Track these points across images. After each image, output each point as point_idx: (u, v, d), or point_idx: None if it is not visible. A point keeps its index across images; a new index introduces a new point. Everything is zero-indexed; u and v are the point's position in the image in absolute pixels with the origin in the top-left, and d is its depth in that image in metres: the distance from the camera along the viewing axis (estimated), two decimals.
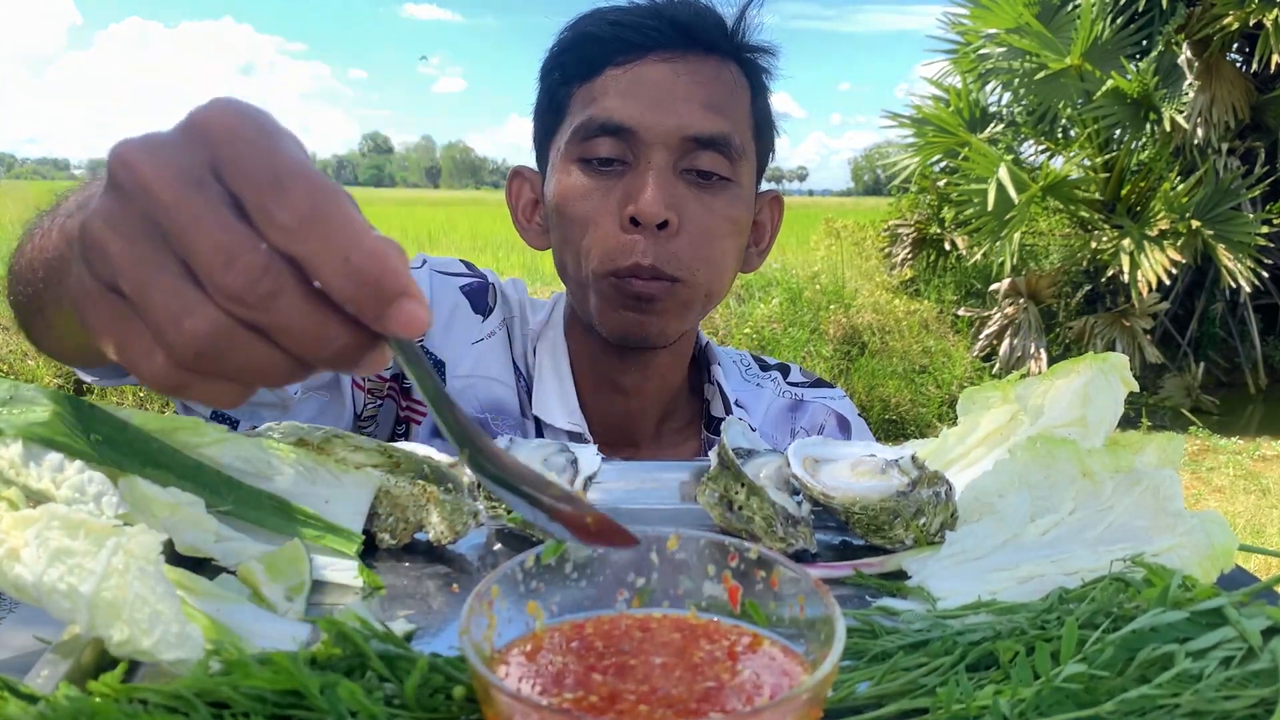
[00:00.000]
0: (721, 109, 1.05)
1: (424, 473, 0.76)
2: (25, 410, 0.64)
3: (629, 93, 1.04)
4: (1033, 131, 8.84)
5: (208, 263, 0.39)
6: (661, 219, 1.01)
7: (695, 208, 1.04)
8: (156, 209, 0.39)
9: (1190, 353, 8.64)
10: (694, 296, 1.07)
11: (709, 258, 1.06)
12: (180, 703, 0.44)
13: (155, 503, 0.61)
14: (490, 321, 1.18)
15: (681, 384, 1.23)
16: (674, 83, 1.04)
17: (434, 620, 0.63)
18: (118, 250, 0.40)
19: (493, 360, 1.17)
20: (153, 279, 0.40)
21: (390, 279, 0.39)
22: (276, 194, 0.39)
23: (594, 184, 1.05)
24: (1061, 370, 0.83)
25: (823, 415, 1.25)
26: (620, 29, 1.06)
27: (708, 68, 1.06)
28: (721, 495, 0.77)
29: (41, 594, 0.50)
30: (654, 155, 1.03)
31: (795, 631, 0.48)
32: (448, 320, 1.16)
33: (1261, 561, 4.01)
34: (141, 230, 0.40)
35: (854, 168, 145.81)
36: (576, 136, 1.06)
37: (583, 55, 1.08)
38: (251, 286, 0.39)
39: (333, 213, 0.39)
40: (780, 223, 1.24)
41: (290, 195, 0.39)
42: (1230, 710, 0.47)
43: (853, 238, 10.77)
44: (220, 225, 0.39)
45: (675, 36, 1.05)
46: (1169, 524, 0.66)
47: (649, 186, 1.01)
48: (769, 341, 7.68)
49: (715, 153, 1.04)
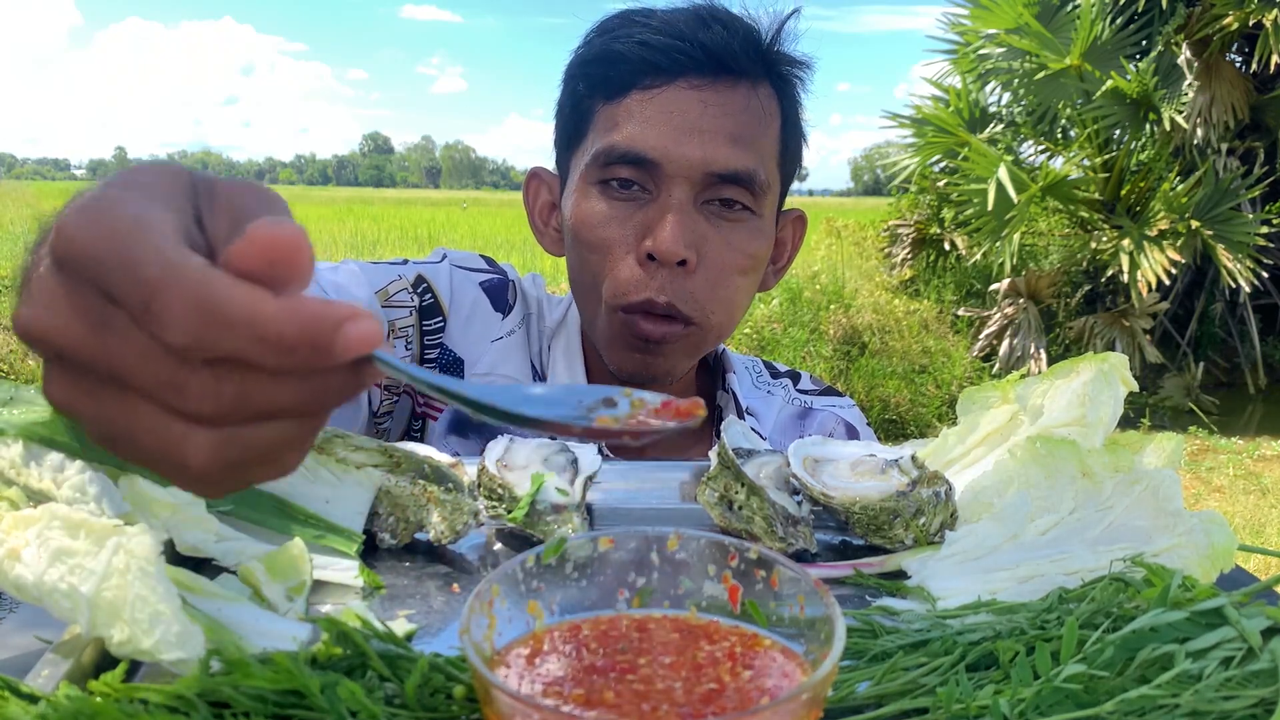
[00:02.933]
0: (748, 143, 1.02)
1: (424, 473, 0.76)
2: (26, 410, 0.64)
3: (653, 121, 1.00)
4: (1032, 131, 8.84)
5: (164, 399, 0.38)
6: (680, 258, 0.99)
7: (715, 244, 1.02)
8: (91, 366, 0.38)
9: (1190, 353, 8.64)
10: (704, 339, 1.06)
11: (725, 297, 1.04)
12: (181, 703, 0.44)
13: (156, 503, 0.62)
14: (510, 319, 1.16)
15: (694, 390, 1.23)
16: (701, 114, 1.00)
17: (434, 620, 0.63)
18: (92, 416, 0.40)
19: (510, 359, 1.15)
20: (136, 432, 0.39)
21: (314, 325, 0.37)
22: (159, 322, 0.36)
23: (612, 212, 1.02)
24: (1061, 370, 0.83)
25: (831, 423, 1.24)
26: (648, 50, 1.02)
27: (737, 97, 1.02)
28: (721, 495, 0.77)
29: (42, 594, 0.50)
30: (675, 189, 1.00)
31: (795, 631, 0.48)
32: (467, 316, 1.14)
33: (1261, 561, 4.01)
34: (92, 387, 0.39)
35: (854, 168, 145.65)
36: (598, 161, 1.03)
37: (609, 74, 1.04)
38: (217, 403, 0.38)
39: (216, 309, 0.36)
40: (801, 241, 1.22)
41: (170, 317, 0.36)
42: (1230, 710, 0.47)
43: (853, 237, 10.78)
44: (150, 362, 0.37)
45: (705, 62, 1.01)
46: (1169, 524, 0.66)
47: (669, 224, 0.98)
48: (769, 341, 7.68)
49: (740, 187, 1.02)
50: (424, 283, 1.12)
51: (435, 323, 1.12)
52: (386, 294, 1.08)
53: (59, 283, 0.38)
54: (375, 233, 14.33)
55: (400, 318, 1.08)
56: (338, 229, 14.47)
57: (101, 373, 0.38)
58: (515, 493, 0.76)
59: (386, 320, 1.06)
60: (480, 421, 0.43)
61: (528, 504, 0.74)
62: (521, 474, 0.78)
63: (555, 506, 0.75)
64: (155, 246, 0.37)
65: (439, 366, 1.12)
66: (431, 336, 1.12)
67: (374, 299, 1.06)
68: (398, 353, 1.07)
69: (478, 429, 1.12)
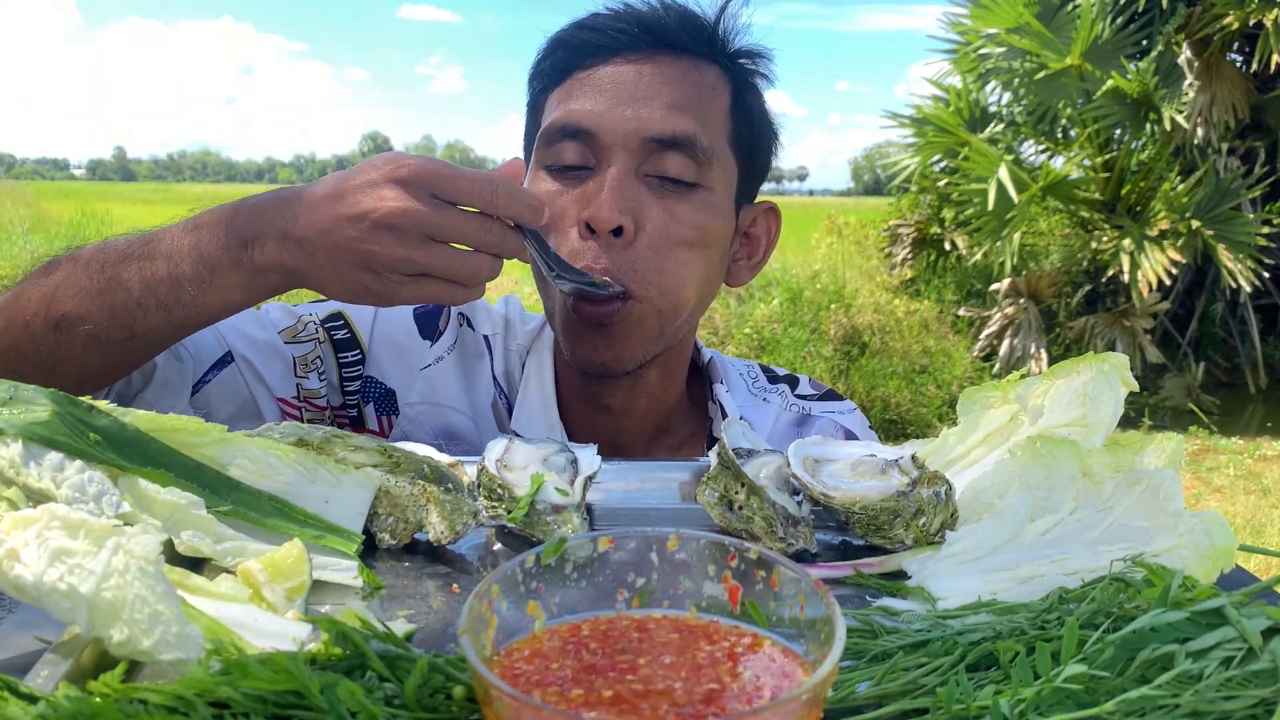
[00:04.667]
0: (687, 108, 1.00)
1: (424, 473, 0.76)
2: (25, 410, 0.64)
3: (590, 94, 1.01)
4: (1033, 131, 8.84)
5: (472, 238, 0.84)
6: (615, 225, 0.97)
7: (656, 212, 1.00)
8: (442, 231, 0.83)
9: (1190, 353, 8.64)
10: (646, 314, 1.02)
11: (667, 268, 1.01)
12: (180, 703, 0.44)
13: (155, 503, 0.62)
14: (438, 346, 1.15)
15: (678, 400, 1.19)
16: (637, 82, 1.00)
17: (434, 620, 0.63)
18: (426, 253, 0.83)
19: (444, 387, 1.14)
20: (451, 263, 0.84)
21: (521, 204, 0.84)
22: (494, 198, 0.83)
23: (557, 189, 1.02)
24: (1062, 370, 0.83)
25: (830, 430, 1.21)
26: (587, 32, 1.04)
27: (676, 68, 1.02)
28: (721, 495, 0.77)
29: (41, 594, 0.50)
30: (614, 158, 0.99)
31: (795, 631, 0.48)
32: (394, 347, 1.14)
33: (1261, 561, 4.01)
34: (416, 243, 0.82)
35: (854, 168, 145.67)
36: (542, 142, 1.04)
37: (555, 61, 1.06)
38: (504, 241, 0.85)
39: (496, 189, 0.83)
40: (778, 234, 1.19)
41: (499, 195, 0.83)
42: (1230, 710, 0.47)
43: (853, 237, 10.78)
44: (482, 226, 0.84)
45: (643, 37, 1.02)
46: (1169, 524, 0.66)
47: (604, 191, 0.98)
48: (769, 341, 7.68)
49: (680, 154, 1.00)
50: (340, 318, 1.13)
51: (353, 355, 1.13)
52: (294, 332, 1.11)
53: (400, 192, 0.81)
54: None
55: (307, 351, 1.10)
56: None
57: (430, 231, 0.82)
58: (515, 493, 0.76)
59: (293, 355, 1.10)
60: None
61: (527, 504, 0.74)
62: (521, 474, 0.78)
63: (555, 507, 0.75)
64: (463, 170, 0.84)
65: (365, 398, 1.13)
66: (350, 369, 1.13)
67: (275, 338, 1.09)
68: (309, 383, 1.11)
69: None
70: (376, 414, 1.13)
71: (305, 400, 1.11)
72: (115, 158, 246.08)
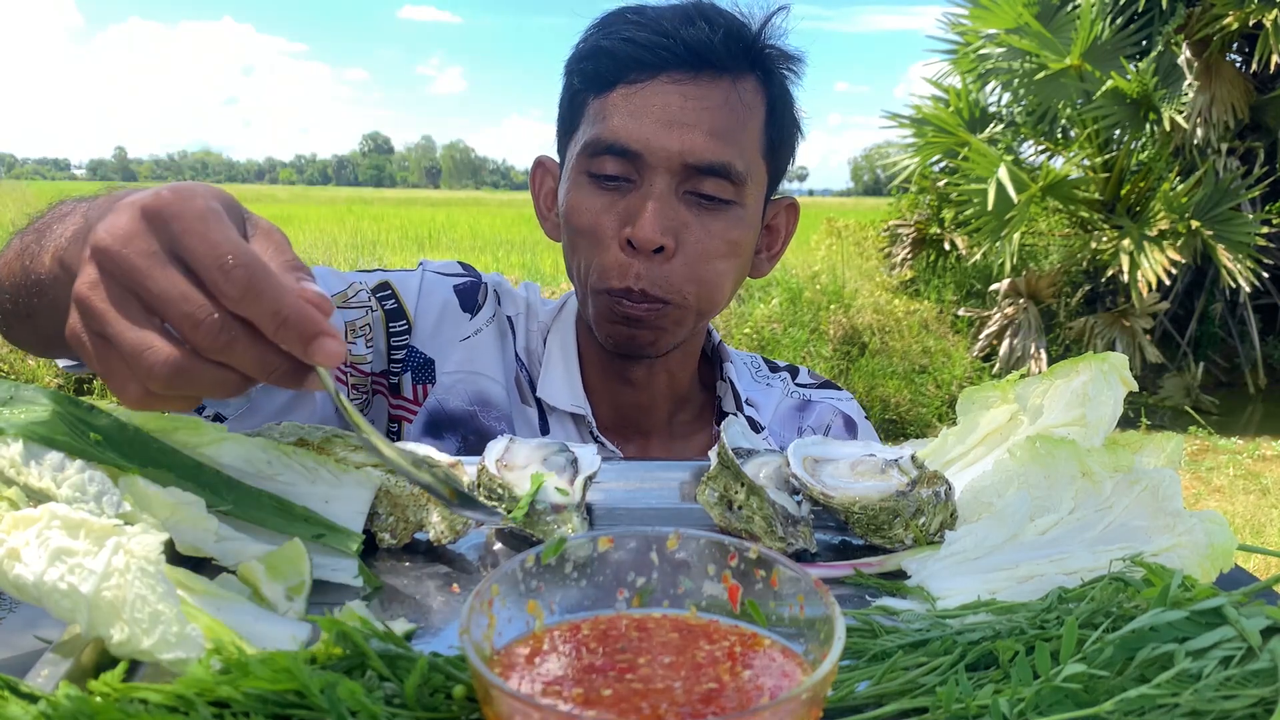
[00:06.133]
0: (727, 136, 1.06)
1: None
2: (26, 410, 0.64)
3: (636, 114, 1.05)
4: (1032, 131, 8.84)
5: (179, 324, 0.54)
6: (657, 245, 1.03)
7: (694, 231, 1.07)
8: (135, 285, 0.54)
9: (1190, 353, 8.64)
10: (685, 315, 1.10)
11: (702, 279, 1.08)
12: (180, 703, 0.44)
13: (155, 503, 0.62)
14: (478, 319, 1.21)
15: (692, 379, 1.26)
16: (681, 107, 1.05)
17: (434, 620, 0.63)
18: (104, 311, 0.54)
19: (482, 355, 1.19)
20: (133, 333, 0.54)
21: (309, 326, 0.54)
22: (222, 275, 0.53)
23: (599, 200, 1.07)
24: (1061, 370, 0.83)
25: (829, 415, 1.28)
26: (633, 47, 1.06)
27: (717, 92, 1.06)
28: (721, 495, 0.77)
29: (42, 594, 0.50)
30: (656, 179, 1.05)
31: (795, 631, 0.48)
32: (438, 319, 1.19)
33: (1261, 561, 4.02)
34: (120, 297, 0.54)
35: (854, 168, 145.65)
36: (586, 151, 1.08)
37: (598, 69, 1.09)
38: (213, 339, 0.53)
39: (264, 284, 0.53)
40: (795, 228, 1.25)
41: (232, 275, 0.53)
42: (1230, 710, 0.47)
43: (853, 237, 10.78)
44: (184, 297, 0.53)
45: (687, 58, 1.05)
46: (1168, 524, 0.66)
47: (648, 212, 1.03)
48: (769, 341, 7.68)
49: (718, 179, 1.06)
50: (388, 288, 1.18)
51: (400, 325, 1.18)
52: (345, 297, 1.14)
53: (141, 227, 0.54)
54: (375, 233, 14.31)
55: (358, 318, 1.14)
56: (338, 229, 14.45)
57: (139, 293, 0.54)
58: (515, 493, 0.76)
59: (344, 320, 1.13)
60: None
61: (527, 504, 0.74)
62: (521, 474, 0.78)
63: (555, 506, 0.75)
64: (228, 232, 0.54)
65: (407, 367, 1.18)
66: (398, 338, 1.18)
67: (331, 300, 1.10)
68: (356, 349, 1.14)
69: (452, 429, 1.17)
70: (413, 383, 1.18)
71: (351, 365, 1.14)
72: (116, 158, 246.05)
